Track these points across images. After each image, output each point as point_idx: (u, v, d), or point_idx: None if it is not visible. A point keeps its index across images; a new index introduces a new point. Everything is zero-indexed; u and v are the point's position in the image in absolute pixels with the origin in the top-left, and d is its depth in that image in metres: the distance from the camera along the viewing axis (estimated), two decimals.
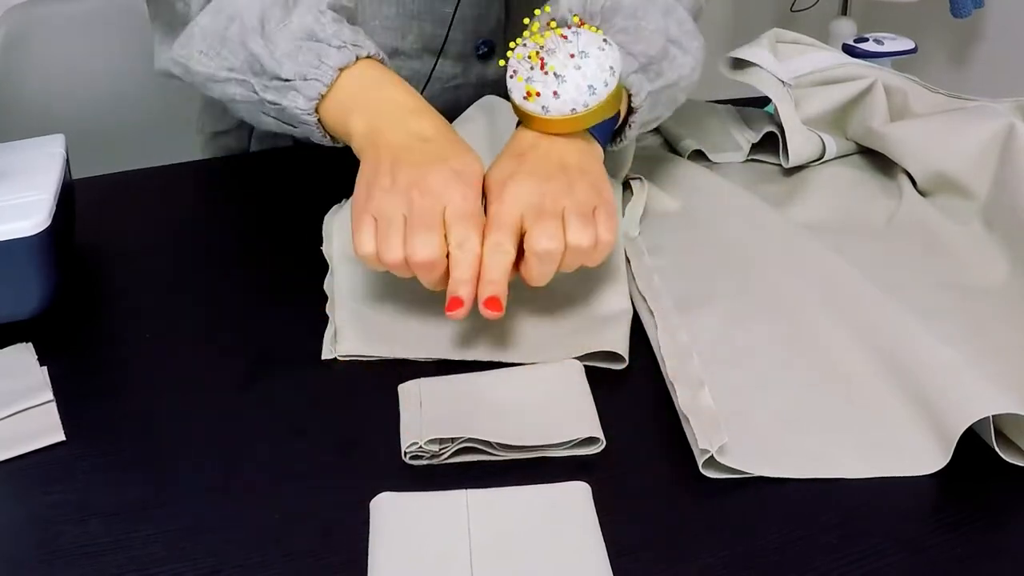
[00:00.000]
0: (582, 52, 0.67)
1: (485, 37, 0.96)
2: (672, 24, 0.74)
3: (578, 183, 0.66)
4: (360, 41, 0.72)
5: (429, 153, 0.67)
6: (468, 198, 0.65)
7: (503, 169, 0.68)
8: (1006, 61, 2.47)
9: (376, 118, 0.70)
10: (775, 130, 0.89)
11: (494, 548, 0.49)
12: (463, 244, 0.64)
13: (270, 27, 0.71)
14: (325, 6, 0.73)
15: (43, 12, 1.51)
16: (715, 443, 0.54)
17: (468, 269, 0.63)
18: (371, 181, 0.67)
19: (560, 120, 0.68)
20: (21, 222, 0.64)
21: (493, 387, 0.61)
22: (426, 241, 0.63)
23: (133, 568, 0.49)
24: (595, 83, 0.67)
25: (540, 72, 0.67)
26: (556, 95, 0.67)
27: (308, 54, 0.71)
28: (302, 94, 0.71)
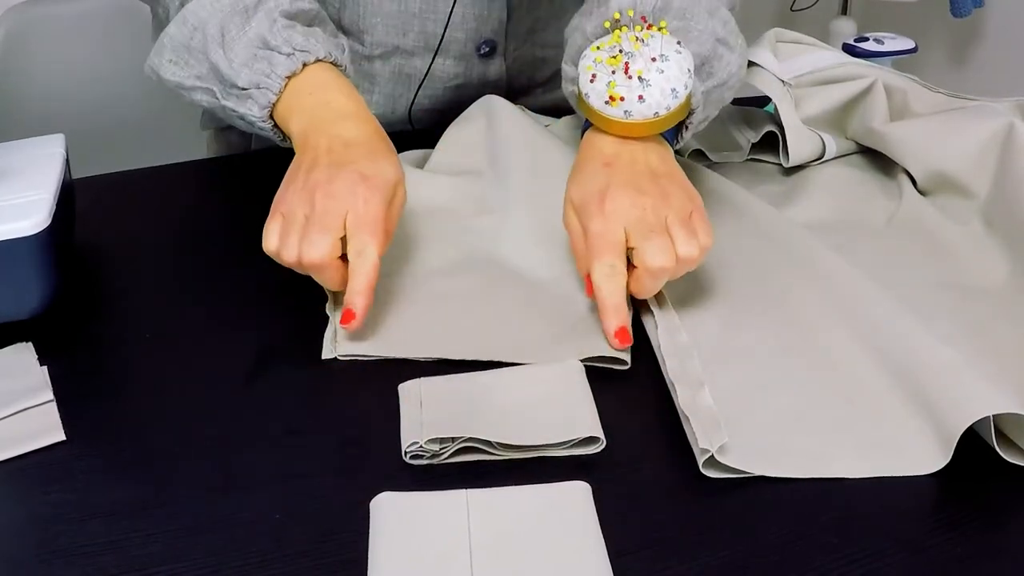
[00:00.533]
0: (662, 55, 0.68)
1: (487, 37, 0.96)
2: (718, 24, 0.74)
3: (671, 190, 0.67)
4: (310, 46, 0.74)
5: (345, 156, 0.68)
6: (370, 203, 0.66)
7: (594, 181, 0.68)
8: (1006, 61, 2.47)
9: (309, 121, 0.72)
10: (775, 130, 0.89)
11: (494, 548, 0.49)
12: (362, 252, 0.65)
13: (230, 36, 0.74)
14: (278, 13, 0.74)
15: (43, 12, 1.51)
16: (715, 443, 0.54)
17: (364, 280, 0.64)
18: (288, 180, 0.69)
19: (642, 124, 0.69)
20: (21, 222, 0.64)
21: (493, 387, 0.61)
22: (317, 242, 0.64)
23: (133, 568, 0.49)
24: (677, 86, 0.68)
25: (624, 76, 0.67)
26: (641, 99, 0.67)
27: (261, 62, 0.73)
28: (256, 102, 0.73)
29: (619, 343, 0.63)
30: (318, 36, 0.76)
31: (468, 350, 0.65)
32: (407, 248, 0.76)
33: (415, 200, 0.81)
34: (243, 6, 0.74)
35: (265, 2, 0.75)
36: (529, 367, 0.63)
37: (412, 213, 0.79)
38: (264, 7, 0.74)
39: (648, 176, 0.68)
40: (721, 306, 0.68)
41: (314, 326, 0.68)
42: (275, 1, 0.75)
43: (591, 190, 0.67)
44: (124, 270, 0.77)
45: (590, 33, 0.74)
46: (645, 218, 0.65)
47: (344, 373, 0.64)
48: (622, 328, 0.64)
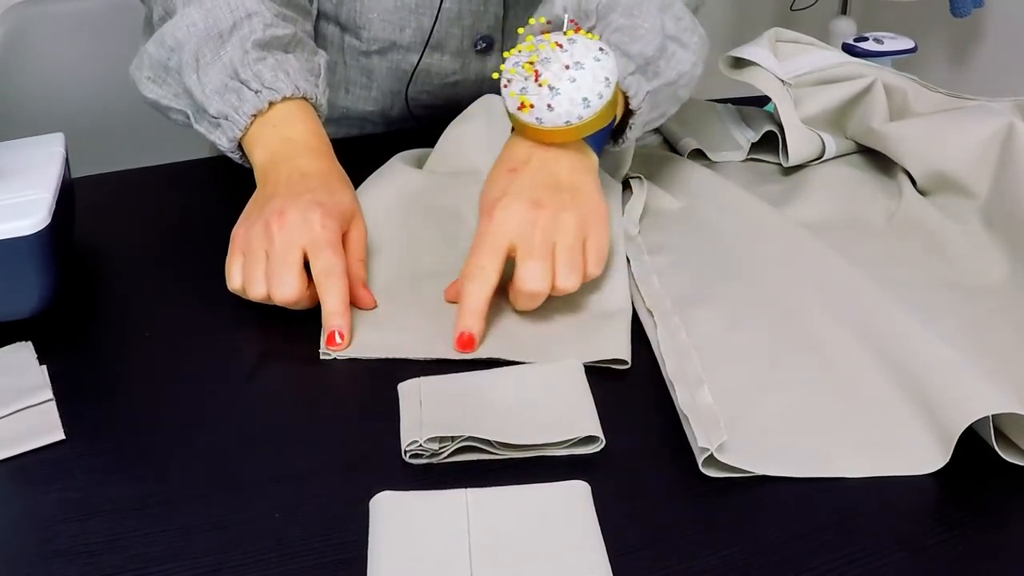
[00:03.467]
0: (577, 63, 0.67)
1: (483, 33, 0.96)
2: (669, 20, 0.74)
3: (569, 209, 0.66)
4: (278, 83, 0.75)
5: (300, 187, 0.70)
6: (327, 227, 0.67)
7: (495, 186, 0.68)
8: (1006, 60, 2.47)
9: (270, 155, 0.74)
10: (775, 129, 0.89)
11: (494, 547, 0.49)
12: (328, 271, 0.66)
13: (204, 61, 0.75)
14: (252, 43, 0.75)
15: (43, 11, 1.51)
16: (714, 441, 0.54)
17: (338, 299, 0.65)
18: (245, 215, 0.71)
19: (554, 131, 0.68)
20: (21, 221, 0.64)
21: (493, 386, 0.61)
22: (285, 280, 0.66)
23: (132, 567, 0.49)
24: (589, 95, 0.67)
25: (534, 84, 0.67)
26: (550, 107, 0.66)
27: (231, 94, 0.74)
28: (224, 133, 0.75)
29: (459, 347, 0.64)
30: (290, 68, 0.76)
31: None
32: (406, 248, 0.76)
33: (414, 200, 0.81)
34: (218, 31, 0.75)
35: (239, 29, 0.75)
36: (529, 366, 0.63)
37: (411, 213, 0.79)
38: (238, 34, 0.75)
39: (549, 188, 0.67)
40: (721, 306, 0.68)
41: (313, 326, 0.67)
42: (249, 28, 0.75)
43: (490, 194, 0.68)
44: (124, 269, 0.77)
45: (536, 30, 0.73)
46: (532, 237, 0.65)
47: (344, 373, 0.64)
48: (469, 335, 0.64)
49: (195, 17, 0.75)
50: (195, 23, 0.75)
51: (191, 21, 0.75)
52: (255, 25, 0.75)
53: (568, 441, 0.56)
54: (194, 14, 0.75)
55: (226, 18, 0.75)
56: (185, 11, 0.75)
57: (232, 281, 0.68)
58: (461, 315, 0.64)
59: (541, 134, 0.68)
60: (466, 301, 0.65)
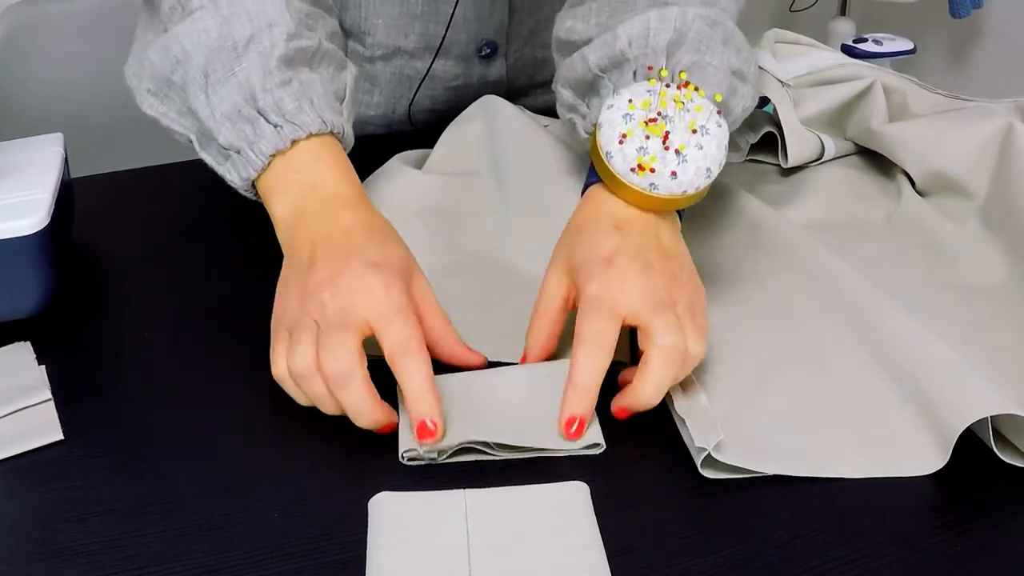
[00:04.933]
0: (703, 128, 0.61)
1: (488, 38, 0.96)
2: (733, 54, 0.67)
3: (681, 277, 0.60)
4: (302, 117, 0.65)
5: (345, 246, 0.60)
6: (392, 288, 0.57)
7: (601, 242, 0.60)
8: (1005, 61, 2.47)
9: (294, 207, 0.64)
10: (774, 130, 0.89)
11: (492, 548, 0.49)
12: (406, 345, 0.55)
13: (214, 77, 0.65)
14: (276, 59, 0.65)
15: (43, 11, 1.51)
16: (711, 441, 0.54)
17: (421, 378, 0.54)
18: (282, 291, 0.61)
19: (664, 199, 0.61)
20: (20, 221, 0.64)
21: (492, 388, 0.61)
22: (337, 345, 0.54)
23: (131, 567, 0.49)
24: (712, 165, 0.61)
25: (661, 146, 0.60)
26: (674, 175, 0.60)
27: (245, 124, 0.64)
28: (236, 170, 0.66)
29: (567, 434, 0.55)
30: (314, 95, 0.66)
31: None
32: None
33: (413, 201, 0.81)
34: (232, 43, 0.65)
35: (259, 40, 0.65)
36: (528, 365, 0.63)
37: (410, 214, 0.79)
38: (257, 46, 0.65)
39: (659, 252, 0.60)
40: (720, 306, 0.68)
41: None
42: (270, 39, 0.65)
43: (596, 251, 0.59)
44: (123, 269, 0.77)
45: (594, 64, 0.67)
46: (656, 293, 0.57)
47: None
48: (580, 419, 0.55)
49: (208, 23, 0.65)
50: (207, 31, 0.65)
51: (203, 28, 0.65)
52: (277, 37, 0.65)
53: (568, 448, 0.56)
54: (208, 19, 0.65)
55: (243, 28, 0.65)
56: (198, 14, 0.66)
57: (277, 368, 0.57)
58: (574, 393, 0.55)
59: (645, 200, 0.61)
60: (579, 376, 0.55)
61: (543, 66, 1.03)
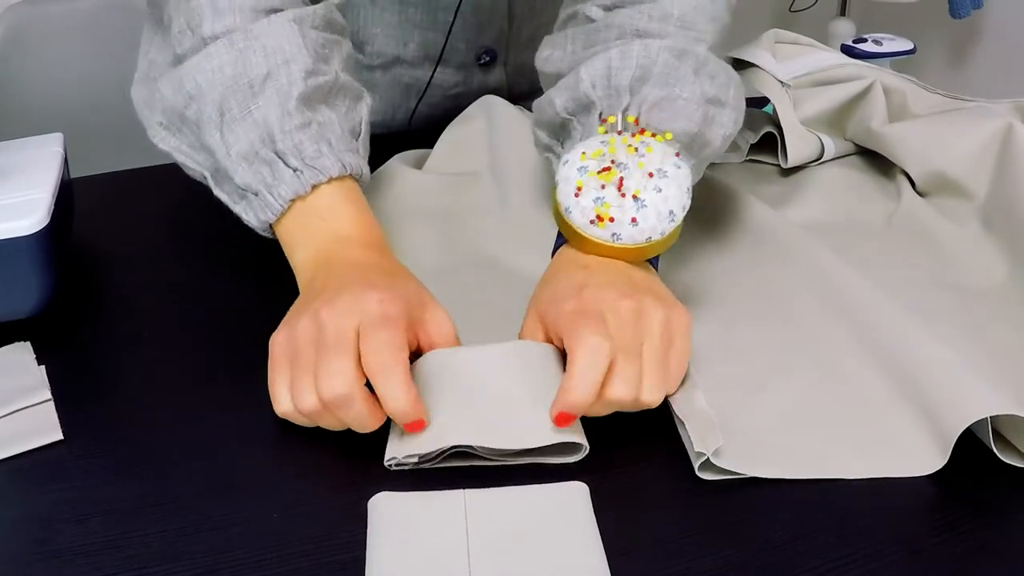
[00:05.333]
0: (660, 171, 0.59)
1: (487, 46, 0.96)
2: (706, 82, 0.65)
3: (657, 307, 0.57)
4: (322, 161, 0.64)
5: (351, 277, 0.59)
6: (385, 303, 0.56)
7: (568, 279, 0.59)
8: (1005, 62, 2.47)
9: (315, 254, 0.63)
10: (774, 130, 0.90)
11: (492, 548, 0.49)
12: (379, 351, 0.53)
13: (230, 115, 0.64)
14: (295, 99, 0.64)
15: (43, 11, 1.51)
16: (710, 446, 0.54)
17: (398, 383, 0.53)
18: (292, 314, 0.60)
19: (630, 249, 0.60)
20: (19, 221, 0.64)
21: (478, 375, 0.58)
22: (334, 370, 0.53)
23: (130, 567, 0.49)
24: (675, 208, 0.59)
25: (616, 193, 0.59)
26: (634, 222, 0.58)
27: (262, 165, 0.64)
28: (253, 211, 0.65)
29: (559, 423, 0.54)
30: (332, 136, 0.65)
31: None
32: (404, 249, 0.76)
33: (413, 201, 0.81)
34: (248, 80, 0.63)
35: (276, 77, 0.64)
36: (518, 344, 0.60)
37: (409, 214, 0.79)
38: (274, 84, 0.63)
39: (630, 286, 0.58)
40: (719, 307, 0.68)
41: None
42: (288, 77, 0.64)
43: (566, 287, 0.58)
44: (122, 269, 0.77)
45: (560, 108, 0.67)
46: (623, 330, 0.55)
47: None
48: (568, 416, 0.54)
49: (223, 59, 0.63)
50: (222, 68, 0.63)
51: (217, 65, 0.63)
52: (295, 74, 0.64)
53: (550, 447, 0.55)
54: (223, 55, 0.64)
55: (259, 64, 0.64)
56: (212, 49, 0.64)
57: (280, 403, 0.56)
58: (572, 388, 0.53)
59: (611, 251, 0.60)
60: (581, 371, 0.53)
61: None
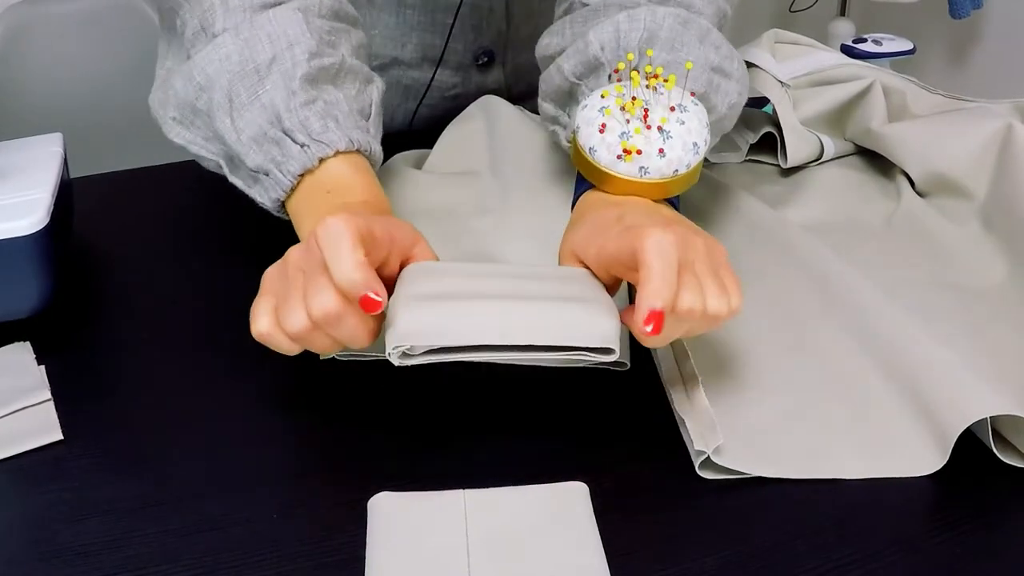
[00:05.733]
0: (681, 106, 0.60)
1: (485, 47, 0.96)
2: (711, 50, 0.66)
3: (698, 234, 0.57)
4: (328, 135, 0.64)
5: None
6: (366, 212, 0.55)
7: (603, 214, 0.58)
8: (1005, 62, 2.47)
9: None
10: (773, 130, 0.89)
11: (492, 548, 0.49)
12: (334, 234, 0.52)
13: (239, 101, 0.65)
14: (299, 79, 0.65)
15: (43, 11, 1.51)
16: (711, 445, 0.54)
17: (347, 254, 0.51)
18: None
19: (656, 184, 0.60)
20: (19, 221, 0.64)
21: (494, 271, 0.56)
22: (321, 287, 0.52)
23: (130, 567, 0.49)
24: (698, 140, 0.60)
25: (642, 125, 0.59)
26: (662, 153, 0.59)
27: (271, 145, 0.65)
28: (266, 192, 0.66)
29: (644, 332, 0.51)
30: (339, 113, 0.66)
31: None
32: None
33: (413, 200, 0.81)
34: (254, 65, 0.65)
35: (281, 61, 0.65)
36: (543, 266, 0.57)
37: (410, 214, 0.79)
38: (279, 67, 0.65)
39: (664, 218, 0.59)
40: None
41: None
42: (292, 60, 0.65)
43: (601, 221, 0.58)
44: (122, 269, 0.77)
45: (569, 72, 0.67)
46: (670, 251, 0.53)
47: (342, 373, 0.64)
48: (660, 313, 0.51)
49: (229, 48, 0.65)
50: (229, 56, 0.65)
51: (224, 54, 0.65)
52: (298, 56, 0.65)
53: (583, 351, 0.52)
54: (229, 44, 0.65)
55: (264, 50, 0.65)
56: (220, 40, 0.66)
57: (258, 323, 0.54)
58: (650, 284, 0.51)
59: (638, 187, 0.60)
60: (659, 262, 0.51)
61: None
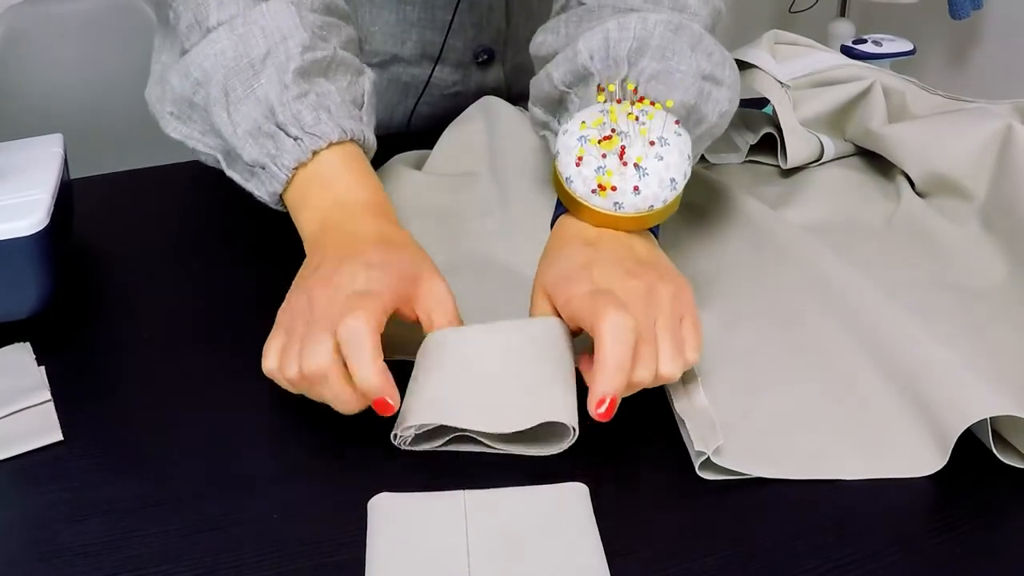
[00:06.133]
0: (662, 138, 0.60)
1: (485, 45, 0.96)
2: (702, 58, 0.66)
3: (661, 285, 0.58)
4: (320, 127, 0.66)
5: (353, 249, 0.61)
6: (372, 279, 0.57)
7: (574, 258, 0.59)
8: (1004, 62, 2.47)
9: (321, 222, 0.65)
10: (773, 131, 0.90)
11: (492, 549, 0.49)
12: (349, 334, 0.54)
13: (235, 96, 0.66)
14: (292, 73, 0.66)
15: (43, 12, 1.51)
16: (711, 445, 0.54)
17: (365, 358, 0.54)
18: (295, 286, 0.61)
19: (631, 218, 0.60)
20: (19, 221, 0.64)
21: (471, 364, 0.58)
22: (316, 346, 0.54)
23: (130, 568, 0.49)
24: (676, 175, 0.60)
25: (618, 162, 0.59)
26: (636, 191, 0.59)
27: (266, 139, 0.66)
28: (263, 185, 0.67)
29: (597, 415, 0.53)
30: (331, 104, 0.67)
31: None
32: None
33: (413, 201, 0.81)
34: (248, 60, 0.66)
35: (275, 54, 0.66)
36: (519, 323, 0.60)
37: (409, 214, 0.79)
38: (273, 61, 0.66)
39: (635, 262, 0.59)
40: (719, 307, 0.68)
41: None
42: (286, 53, 0.66)
43: (572, 266, 0.59)
44: (122, 270, 0.77)
45: (558, 81, 0.67)
46: (635, 312, 0.55)
47: None
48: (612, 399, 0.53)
49: (224, 44, 0.66)
50: (224, 51, 0.66)
51: (220, 49, 0.66)
52: (292, 50, 0.67)
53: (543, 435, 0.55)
54: (223, 40, 0.66)
55: (259, 44, 0.66)
56: (215, 35, 0.67)
57: (267, 362, 0.57)
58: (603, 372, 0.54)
59: (612, 221, 0.61)
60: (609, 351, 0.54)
61: None
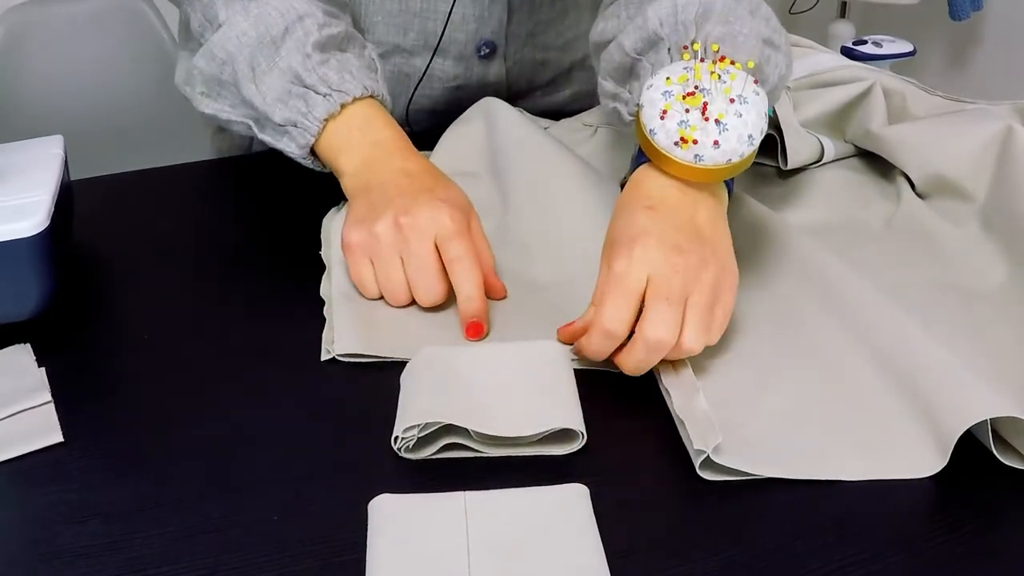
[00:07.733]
0: (741, 97, 0.62)
1: (487, 38, 0.96)
2: (761, 23, 0.69)
3: (710, 264, 0.61)
4: (346, 84, 0.75)
5: (414, 186, 0.71)
6: (456, 219, 0.68)
7: (632, 222, 0.63)
8: (1004, 64, 2.47)
9: (362, 161, 0.74)
10: (773, 132, 0.90)
11: (492, 550, 0.49)
12: (462, 257, 0.67)
13: (260, 69, 0.74)
14: (311, 45, 0.75)
15: (43, 12, 1.51)
16: (710, 443, 0.54)
17: (473, 284, 0.66)
18: (362, 218, 0.70)
19: (710, 170, 0.63)
20: (19, 223, 0.64)
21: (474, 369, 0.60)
22: (431, 285, 0.67)
23: (130, 569, 0.49)
24: (754, 132, 0.63)
25: (700, 117, 0.62)
26: (716, 144, 0.62)
27: (296, 100, 0.74)
28: (294, 141, 0.75)
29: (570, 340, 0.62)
30: (352, 67, 0.76)
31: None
32: None
33: None
34: (270, 38, 0.74)
35: (293, 32, 0.75)
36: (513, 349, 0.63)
37: None
38: (293, 37, 0.75)
39: (691, 235, 0.62)
40: None
41: (313, 327, 0.68)
42: (303, 30, 0.75)
43: (626, 230, 0.62)
44: (122, 271, 0.77)
45: (630, 48, 0.70)
46: (670, 281, 0.59)
47: (343, 374, 0.64)
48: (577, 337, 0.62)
49: (244, 26, 0.75)
50: (245, 32, 0.75)
51: (240, 31, 0.75)
52: (309, 27, 0.75)
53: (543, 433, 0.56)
54: (242, 23, 0.75)
55: (277, 23, 0.75)
56: (231, 22, 0.75)
57: (368, 290, 0.69)
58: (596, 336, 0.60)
59: (692, 172, 0.63)
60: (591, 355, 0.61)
61: (542, 68, 1.03)
